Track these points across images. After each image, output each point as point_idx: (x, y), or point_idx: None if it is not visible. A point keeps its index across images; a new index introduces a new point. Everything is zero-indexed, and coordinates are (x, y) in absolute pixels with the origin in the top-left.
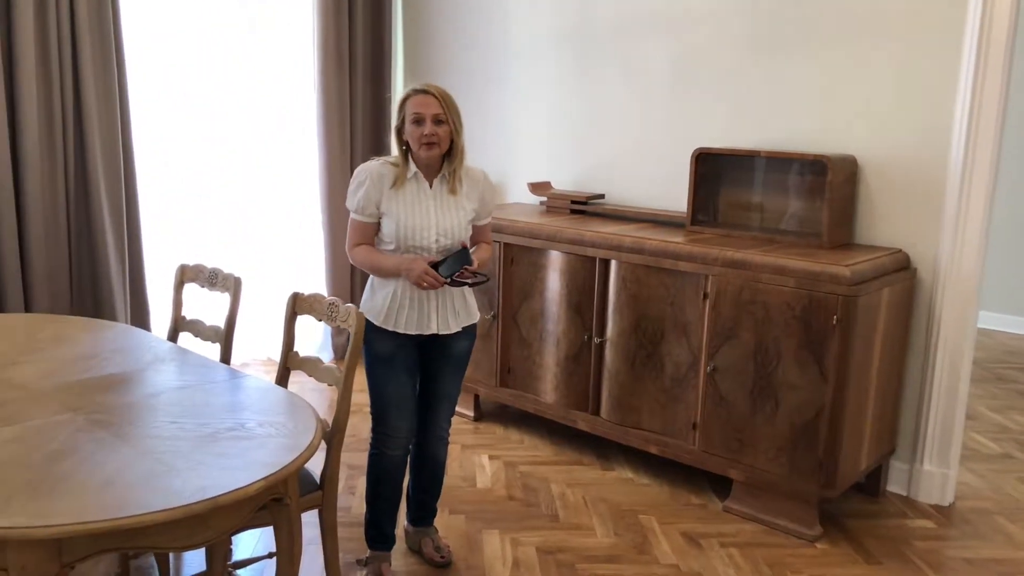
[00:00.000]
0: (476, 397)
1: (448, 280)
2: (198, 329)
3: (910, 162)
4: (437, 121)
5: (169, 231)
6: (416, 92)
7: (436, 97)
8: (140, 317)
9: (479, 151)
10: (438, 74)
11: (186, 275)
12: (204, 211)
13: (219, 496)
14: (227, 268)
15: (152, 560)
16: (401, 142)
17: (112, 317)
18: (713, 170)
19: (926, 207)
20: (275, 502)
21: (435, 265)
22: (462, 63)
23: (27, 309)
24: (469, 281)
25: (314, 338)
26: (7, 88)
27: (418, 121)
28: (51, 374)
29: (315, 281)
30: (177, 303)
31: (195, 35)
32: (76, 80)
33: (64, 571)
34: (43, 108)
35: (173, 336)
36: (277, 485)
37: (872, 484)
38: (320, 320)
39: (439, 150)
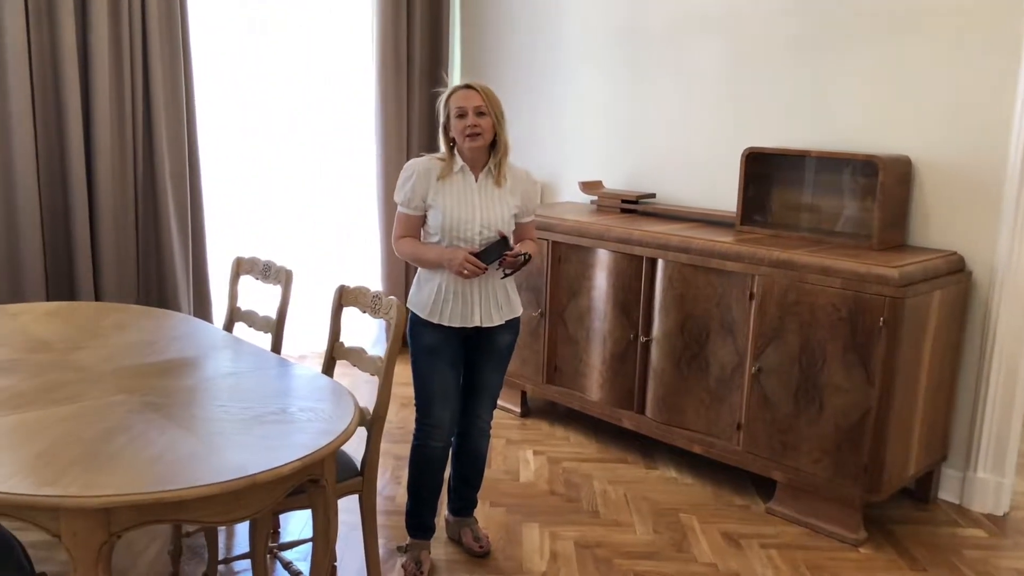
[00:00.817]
0: (523, 394)
1: (487, 267)
2: (252, 319)
3: (967, 162)
4: (479, 113)
5: (232, 226)
6: (458, 88)
7: (477, 91)
8: (202, 307)
9: (533, 150)
10: (493, 75)
11: (242, 267)
12: (267, 208)
13: (257, 474)
14: (290, 263)
15: (204, 540)
16: (448, 139)
17: (176, 307)
18: (764, 170)
19: (983, 208)
20: (312, 483)
21: (476, 255)
22: (517, 64)
23: (97, 298)
24: (511, 270)
25: (369, 333)
26: (82, 87)
27: (461, 115)
28: (111, 358)
29: (372, 276)
30: (233, 294)
31: (258, 35)
32: (146, 79)
33: (112, 539)
34: (115, 106)
35: (229, 326)
36: (313, 467)
37: (922, 491)
38: (364, 312)
39: (482, 141)
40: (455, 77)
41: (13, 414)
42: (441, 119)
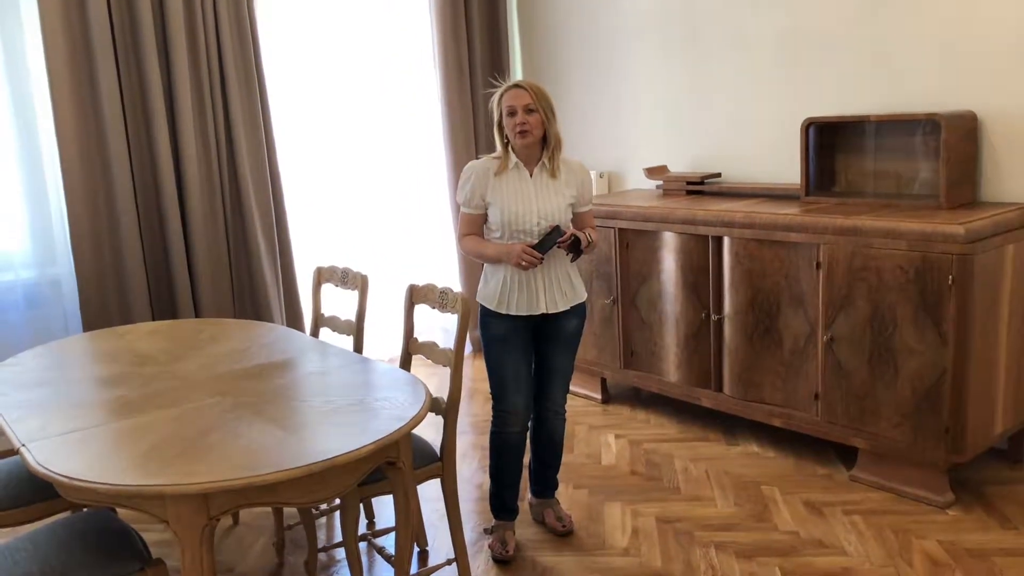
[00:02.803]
0: (603, 380)
1: (543, 257)
2: (335, 324)
3: None
4: (528, 111)
5: (317, 239)
6: (509, 88)
7: (526, 89)
8: (293, 317)
9: (597, 141)
10: (553, 70)
11: (322, 276)
12: (349, 218)
13: (336, 457)
14: (375, 271)
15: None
16: (502, 136)
17: (269, 319)
18: (826, 139)
19: None
20: (390, 466)
21: (532, 247)
22: (576, 58)
23: (196, 316)
24: (572, 252)
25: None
26: (169, 124)
27: (512, 113)
28: (207, 366)
29: (451, 278)
30: (316, 302)
31: (325, 57)
32: (226, 110)
33: (212, 522)
34: (200, 138)
35: (315, 331)
36: (388, 449)
37: (1015, 450)
38: (433, 308)
39: (532, 138)
40: (516, 76)
41: (124, 419)
42: (495, 118)
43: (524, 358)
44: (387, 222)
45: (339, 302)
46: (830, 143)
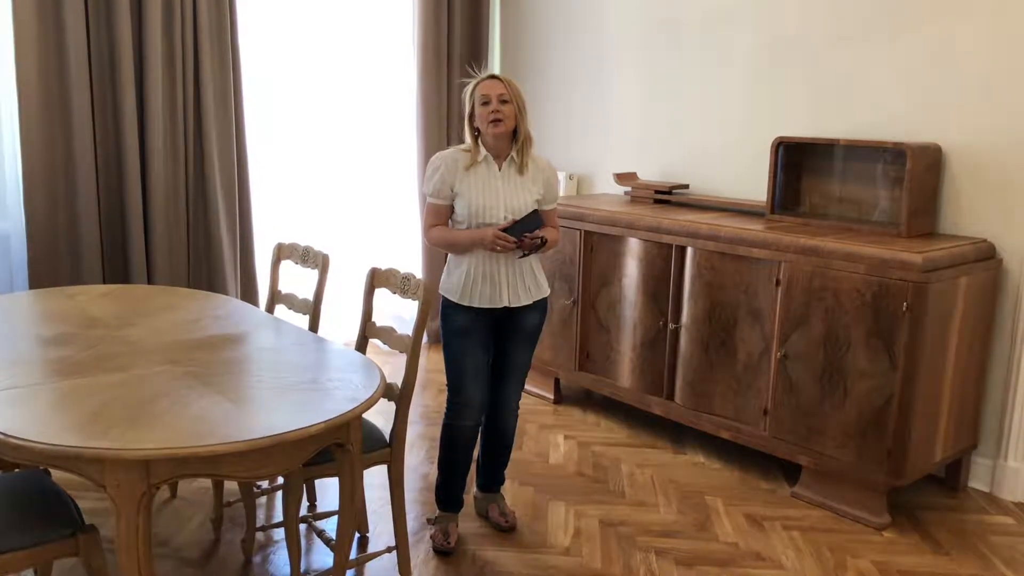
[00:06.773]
0: (556, 381)
1: (518, 242)
2: (291, 302)
3: (998, 149)
4: (502, 101)
5: (279, 217)
6: (484, 78)
7: (501, 80)
8: (249, 292)
9: (570, 142)
10: (531, 69)
11: (282, 253)
12: (314, 202)
13: (284, 433)
14: (338, 256)
15: (243, 509)
16: (472, 128)
17: (223, 291)
18: (795, 159)
19: (1014, 195)
20: (339, 448)
21: (504, 230)
22: (555, 58)
23: (149, 282)
24: (527, 251)
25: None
26: (137, 84)
27: (485, 102)
28: (158, 334)
29: (415, 268)
30: (274, 278)
31: (303, 36)
32: (196, 76)
33: (152, 490)
34: (167, 102)
35: (270, 307)
36: (338, 430)
37: (952, 479)
38: (394, 293)
39: (504, 128)
40: (495, 69)
41: (68, 380)
42: (467, 109)
43: (483, 351)
44: (353, 205)
45: (297, 281)
46: (798, 163)
